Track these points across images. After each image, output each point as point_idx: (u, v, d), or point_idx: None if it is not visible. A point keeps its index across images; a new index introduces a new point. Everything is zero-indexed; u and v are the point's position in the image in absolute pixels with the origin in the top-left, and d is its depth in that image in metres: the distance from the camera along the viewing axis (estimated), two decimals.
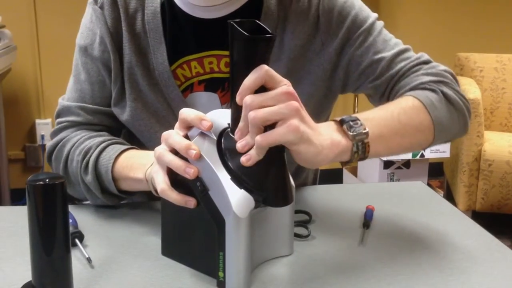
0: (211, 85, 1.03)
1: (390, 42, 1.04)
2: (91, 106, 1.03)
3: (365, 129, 0.80)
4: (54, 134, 1.05)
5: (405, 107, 0.91)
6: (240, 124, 0.71)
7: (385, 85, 1.02)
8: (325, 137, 0.76)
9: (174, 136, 0.75)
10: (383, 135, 0.84)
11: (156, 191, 0.81)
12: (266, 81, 0.69)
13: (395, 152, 0.90)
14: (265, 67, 0.68)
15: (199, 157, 0.72)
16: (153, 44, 1.00)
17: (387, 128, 0.86)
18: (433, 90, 0.97)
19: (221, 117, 0.79)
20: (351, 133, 0.79)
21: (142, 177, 0.88)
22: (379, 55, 1.01)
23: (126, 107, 1.02)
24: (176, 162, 0.74)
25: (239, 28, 0.67)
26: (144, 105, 1.01)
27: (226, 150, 0.74)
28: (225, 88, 1.03)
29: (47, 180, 0.65)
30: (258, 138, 0.68)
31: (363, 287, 0.76)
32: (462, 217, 1.01)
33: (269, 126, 0.70)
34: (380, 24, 1.05)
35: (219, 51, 1.01)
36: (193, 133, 0.76)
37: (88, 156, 0.96)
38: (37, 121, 2.96)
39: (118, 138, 1.03)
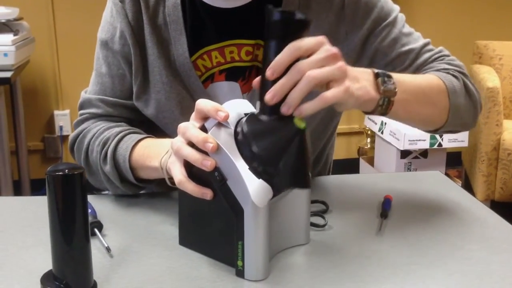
0: (232, 74, 1.03)
1: (414, 35, 1.08)
2: (111, 98, 1.04)
3: (395, 88, 0.84)
4: (76, 125, 1.07)
5: (431, 83, 0.96)
6: (277, 86, 0.71)
7: (411, 73, 1.04)
8: (361, 86, 0.80)
9: (191, 129, 0.76)
10: (407, 100, 0.89)
11: (170, 180, 0.83)
12: (305, 50, 0.72)
13: (411, 119, 0.96)
14: (297, 41, 0.72)
15: (216, 150, 0.73)
16: (174, 35, 1.00)
17: (412, 96, 0.91)
18: (455, 77, 1.02)
19: (238, 107, 0.79)
20: (382, 87, 0.83)
21: (158, 165, 0.89)
22: (407, 47, 1.05)
23: (151, 100, 1.03)
24: (193, 155, 0.75)
25: (277, 9, 0.72)
26: (168, 97, 1.02)
27: (250, 134, 0.73)
28: (246, 77, 1.04)
29: (67, 170, 0.66)
30: (316, 101, 0.73)
31: (380, 276, 0.76)
32: (481, 207, 1.00)
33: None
34: (402, 16, 1.08)
35: (239, 40, 1.01)
36: (210, 124, 0.77)
37: (106, 146, 0.98)
38: (56, 112, 2.99)
39: (136, 128, 1.04)
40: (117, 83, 1.04)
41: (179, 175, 0.77)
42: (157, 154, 0.90)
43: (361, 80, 0.81)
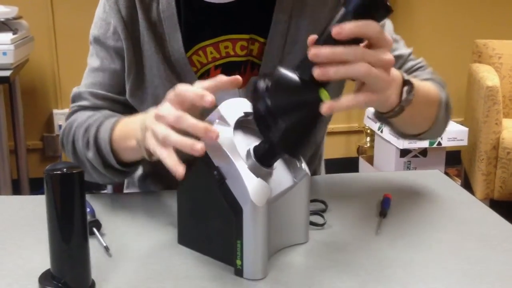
0: (228, 69, 1.03)
1: (401, 43, 1.10)
2: (101, 92, 1.04)
3: (412, 99, 0.83)
4: (65, 120, 1.07)
5: (433, 93, 0.97)
6: (329, 49, 0.68)
7: None
8: (389, 93, 0.78)
9: (188, 119, 0.72)
10: (414, 108, 0.86)
11: (149, 156, 0.81)
12: (377, 37, 0.70)
13: (405, 124, 0.96)
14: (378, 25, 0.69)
15: (218, 138, 0.70)
16: (169, 32, 1.00)
17: (419, 105, 0.88)
18: (442, 89, 1.03)
19: (236, 106, 0.79)
20: (404, 96, 0.82)
21: (135, 144, 0.85)
22: (397, 52, 1.06)
23: (147, 96, 1.02)
24: (183, 141, 0.71)
25: None
26: (166, 92, 1.01)
27: (274, 84, 0.69)
28: (241, 72, 1.03)
29: (65, 169, 0.66)
30: (350, 100, 0.72)
31: (380, 275, 0.76)
32: (480, 206, 1.00)
33: None
34: (391, 22, 1.10)
35: (234, 35, 1.01)
36: (210, 122, 0.76)
37: (88, 132, 0.96)
38: (55, 111, 2.99)
39: (119, 114, 1.01)
40: (107, 77, 1.04)
41: (171, 161, 0.73)
42: (133, 132, 0.86)
43: (391, 86, 0.78)
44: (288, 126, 0.69)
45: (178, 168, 0.71)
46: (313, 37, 0.71)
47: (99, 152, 0.94)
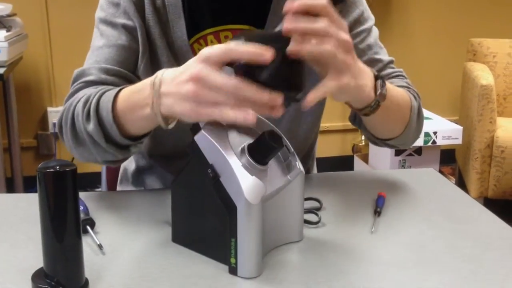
0: None
1: (384, 50, 1.11)
2: (105, 65, 0.98)
3: (386, 94, 0.88)
4: (66, 100, 0.98)
5: (404, 97, 1.00)
6: (301, 20, 0.72)
7: None
8: (362, 84, 0.82)
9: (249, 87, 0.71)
10: (388, 107, 0.90)
11: (166, 123, 0.79)
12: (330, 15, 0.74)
13: (380, 124, 1.00)
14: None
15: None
16: (172, 18, 1.01)
17: (392, 104, 0.93)
18: (415, 98, 1.06)
19: None
20: (379, 91, 0.86)
21: (149, 112, 0.80)
22: (378, 56, 1.08)
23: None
24: (247, 48, 0.71)
25: None
26: None
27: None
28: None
29: (58, 167, 0.65)
30: (318, 91, 0.76)
31: (373, 273, 0.76)
32: (474, 204, 1.00)
33: None
34: (377, 29, 1.11)
35: (235, 25, 1.02)
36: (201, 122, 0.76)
37: (88, 103, 0.89)
38: (49, 109, 2.98)
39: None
40: (115, 53, 0.99)
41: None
42: (144, 100, 0.81)
43: (364, 78, 0.83)
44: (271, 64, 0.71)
45: (248, 115, 0.70)
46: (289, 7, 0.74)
47: (101, 124, 0.87)
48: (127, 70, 0.99)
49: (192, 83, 0.73)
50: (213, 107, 0.72)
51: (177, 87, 0.75)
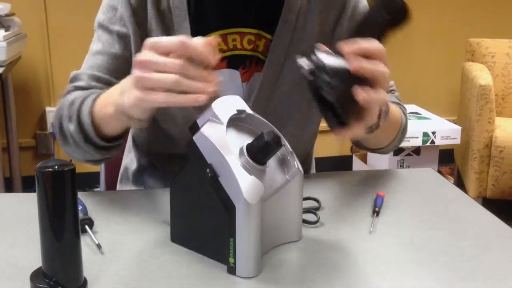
0: (233, 62, 1.04)
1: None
2: (98, 74, 1.01)
3: (387, 119, 0.93)
4: (60, 101, 1.02)
5: (399, 116, 1.08)
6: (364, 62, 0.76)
7: None
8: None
9: (193, 68, 0.73)
10: (384, 127, 0.93)
11: (130, 120, 0.83)
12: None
13: (372, 139, 1.08)
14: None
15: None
16: (177, 21, 1.00)
17: (388, 125, 0.98)
18: (404, 115, 1.12)
19: (229, 103, 0.79)
20: (382, 117, 0.88)
21: (113, 110, 0.85)
22: None
23: None
24: (195, 85, 0.73)
25: None
26: None
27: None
28: (246, 66, 1.04)
29: (56, 167, 0.65)
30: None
31: (372, 273, 0.76)
32: (473, 204, 1.00)
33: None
34: None
35: (242, 29, 1.02)
36: (202, 121, 0.76)
37: (72, 105, 0.94)
38: (48, 108, 2.97)
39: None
40: (107, 61, 1.02)
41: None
42: (112, 99, 0.85)
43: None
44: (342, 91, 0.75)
45: (198, 96, 0.72)
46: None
47: (80, 125, 0.92)
48: (117, 78, 1.00)
49: (137, 69, 0.75)
50: (160, 91, 0.74)
51: (129, 78, 0.77)
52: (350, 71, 0.75)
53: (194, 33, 1.00)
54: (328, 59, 0.76)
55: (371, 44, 0.77)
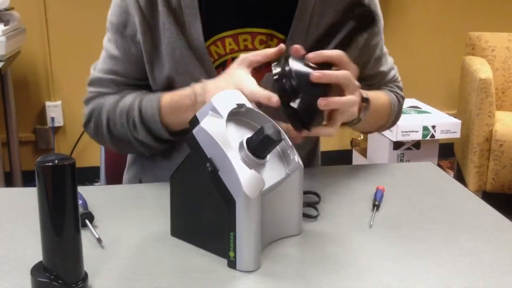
0: None
1: (386, 56, 1.17)
2: (121, 78, 1.06)
3: (369, 111, 0.97)
4: (87, 102, 1.09)
5: (386, 105, 1.13)
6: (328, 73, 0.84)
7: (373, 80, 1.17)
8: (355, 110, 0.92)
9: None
10: (368, 120, 1.00)
11: None
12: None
13: (358, 128, 1.09)
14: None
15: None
16: (188, 20, 1.00)
17: (372, 116, 1.03)
18: (399, 102, 1.18)
19: (229, 98, 0.78)
20: (362, 113, 0.95)
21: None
22: (380, 69, 1.15)
23: (175, 82, 1.03)
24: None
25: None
26: (192, 77, 1.02)
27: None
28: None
29: (56, 161, 0.65)
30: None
31: (372, 266, 0.76)
32: (473, 198, 1.00)
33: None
34: (382, 38, 1.16)
35: (253, 29, 1.02)
36: (203, 114, 0.76)
37: (131, 117, 1.02)
38: (47, 103, 2.97)
39: (140, 89, 1.07)
40: (128, 66, 1.05)
41: (250, 85, 0.85)
42: (188, 107, 0.95)
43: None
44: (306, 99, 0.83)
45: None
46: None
47: (150, 131, 1.02)
48: (139, 78, 1.06)
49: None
50: None
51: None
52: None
53: (204, 33, 1.00)
54: (297, 66, 0.83)
55: (333, 52, 0.86)
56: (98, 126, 1.07)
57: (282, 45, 0.89)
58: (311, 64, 0.85)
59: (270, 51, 0.89)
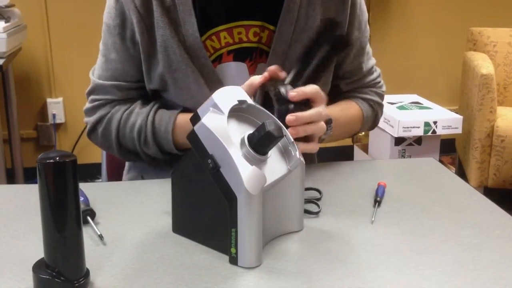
0: (240, 54, 1.05)
1: (368, 56, 1.17)
2: (124, 83, 1.06)
3: (331, 130, 1.00)
4: (91, 111, 1.09)
5: (355, 118, 1.14)
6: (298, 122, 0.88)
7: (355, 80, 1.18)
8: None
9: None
10: (334, 135, 1.04)
11: None
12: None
13: (335, 139, 1.13)
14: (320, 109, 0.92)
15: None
16: (183, 17, 1.01)
17: (337, 131, 1.06)
18: (374, 110, 1.18)
19: (230, 94, 0.78)
20: (325, 134, 0.96)
21: None
22: (363, 65, 1.15)
23: (167, 80, 1.03)
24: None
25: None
26: (185, 75, 1.03)
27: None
28: (252, 58, 1.05)
29: (58, 158, 0.65)
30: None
31: (374, 262, 0.76)
32: (474, 193, 1.00)
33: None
34: (368, 40, 1.19)
35: (247, 21, 1.03)
36: (204, 110, 0.76)
37: (143, 132, 1.04)
38: (49, 100, 2.97)
39: (153, 102, 1.07)
40: (128, 68, 1.05)
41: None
42: None
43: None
44: None
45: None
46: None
47: (161, 148, 1.05)
48: (141, 80, 1.07)
49: None
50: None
51: None
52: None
53: (199, 28, 1.01)
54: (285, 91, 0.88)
55: (311, 89, 0.89)
56: (106, 136, 1.08)
57: (266, 74, 0.90)
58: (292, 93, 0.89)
59: (256, 81, 0.90)
